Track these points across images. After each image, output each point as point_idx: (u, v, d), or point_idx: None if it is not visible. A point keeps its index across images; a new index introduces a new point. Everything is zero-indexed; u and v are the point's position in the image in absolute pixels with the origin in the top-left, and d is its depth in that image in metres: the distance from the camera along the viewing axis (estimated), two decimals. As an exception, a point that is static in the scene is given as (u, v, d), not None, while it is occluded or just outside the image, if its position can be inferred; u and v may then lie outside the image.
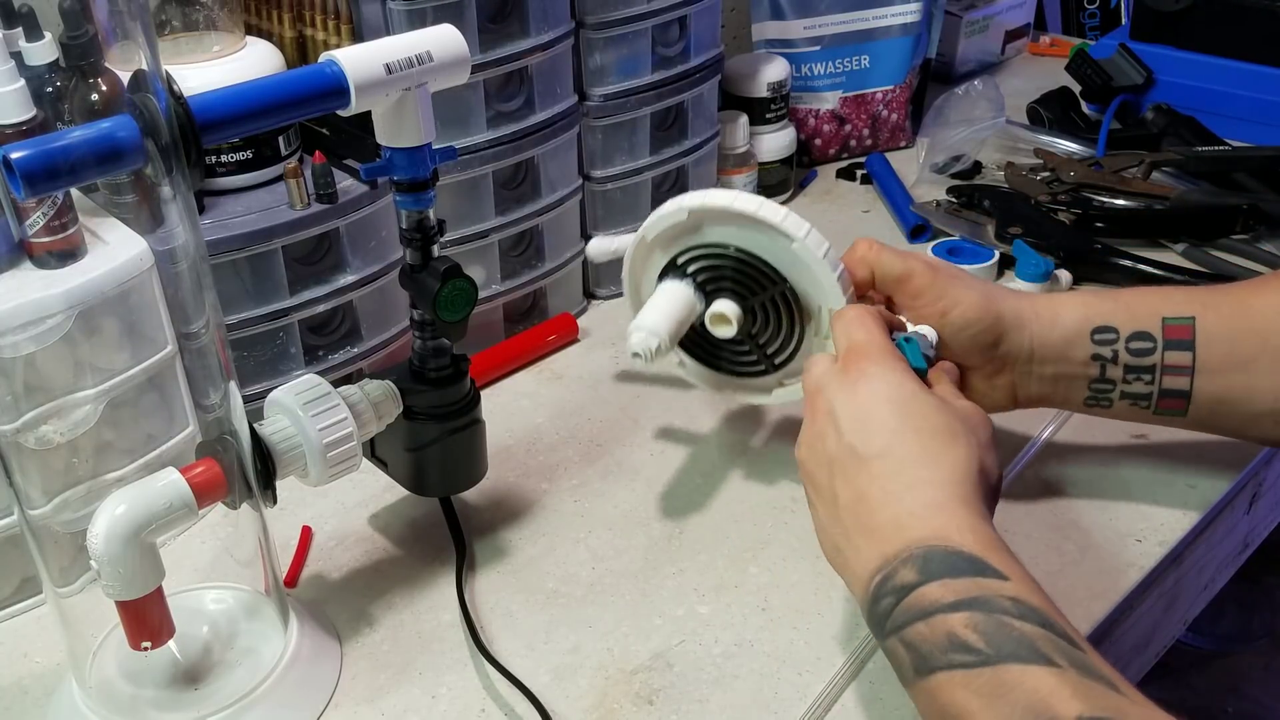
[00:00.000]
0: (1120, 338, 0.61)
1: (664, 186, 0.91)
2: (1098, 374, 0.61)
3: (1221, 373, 0.60)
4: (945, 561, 0.46)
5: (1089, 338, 0.61)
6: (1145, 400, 0.62)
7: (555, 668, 0.58)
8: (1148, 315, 0.61)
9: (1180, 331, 0.60)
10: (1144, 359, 0.61)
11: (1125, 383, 0.61)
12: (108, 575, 0.49)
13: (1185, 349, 0.60)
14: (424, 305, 0.59)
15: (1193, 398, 0.61)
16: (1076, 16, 1.47)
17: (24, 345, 0.56)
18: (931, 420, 0.51)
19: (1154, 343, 0.60)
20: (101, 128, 0.43)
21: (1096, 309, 0.61)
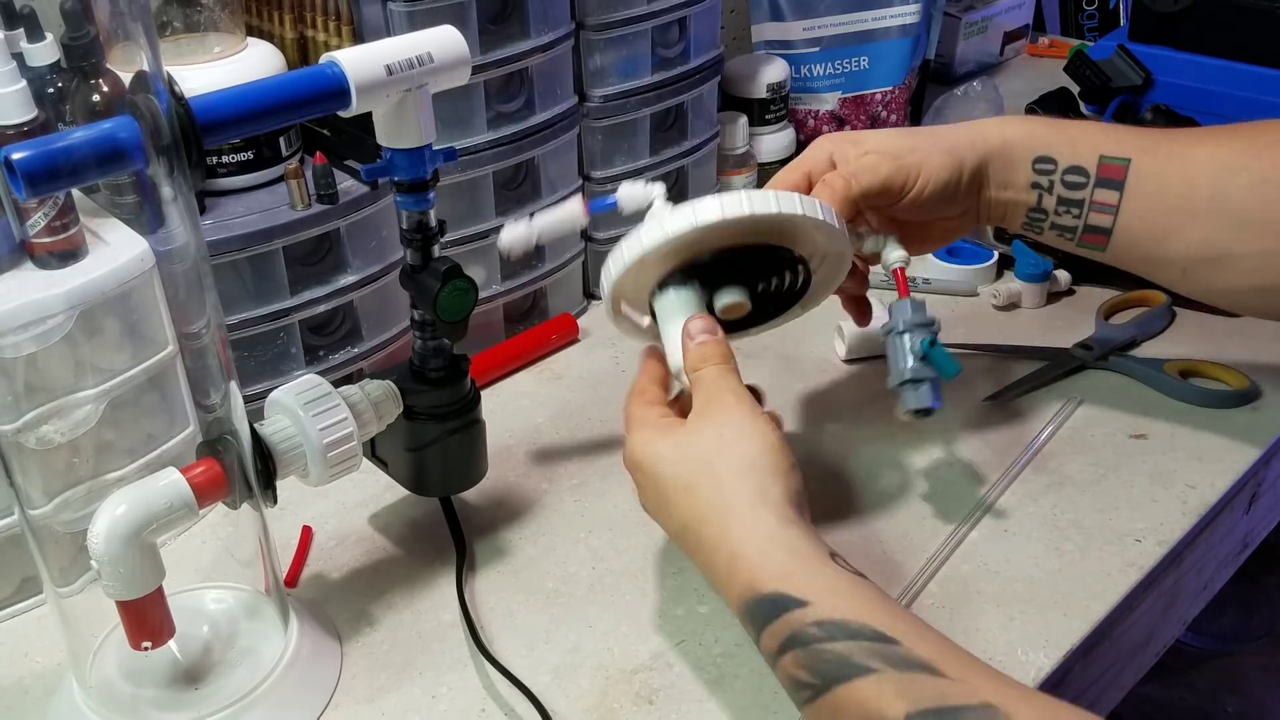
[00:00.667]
0: (1058, 169, 0.64)
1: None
2: (1035, 202, 0.66)
3: (1144, 216, 0.64)
4: (765, 609, 0.48)
5: (1030, 166, 0.65)
6: (1070, 232, 0.66)
7: (555, 667, 0.58)
8: (1087, 150, 0.64)
9: (1113, 171, 0.63)
10: (1075, 193, 0.64)
11: (1056, 214, 0.65)
12: (108, 575, 0.49)
13: (1114, 188, 0.63)
14: (424, 305, 0.59)
15: (1113, 235, 0.64)
16: (1075, 18, 1.47)
17: (25, 345, 0.56)
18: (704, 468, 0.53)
19: (1087, 178, 0.64)
20: (103, 128, 0.43)
21: (1041, 136, 0.65)
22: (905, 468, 0.71)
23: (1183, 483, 0.68)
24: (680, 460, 0.54)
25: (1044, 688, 0.56)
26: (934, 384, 0.62)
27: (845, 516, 0.67)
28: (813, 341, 0.84)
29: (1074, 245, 0.67)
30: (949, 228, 0.68)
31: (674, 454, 0.54)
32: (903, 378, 0.62)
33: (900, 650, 0.44)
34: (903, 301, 0.63)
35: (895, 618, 0.46)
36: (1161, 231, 0.63)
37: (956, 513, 0.67)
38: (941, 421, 0.74)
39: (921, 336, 0.62)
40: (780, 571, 0.48)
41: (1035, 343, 0.82)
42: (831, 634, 0.45)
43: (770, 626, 0.47)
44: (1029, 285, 0.87)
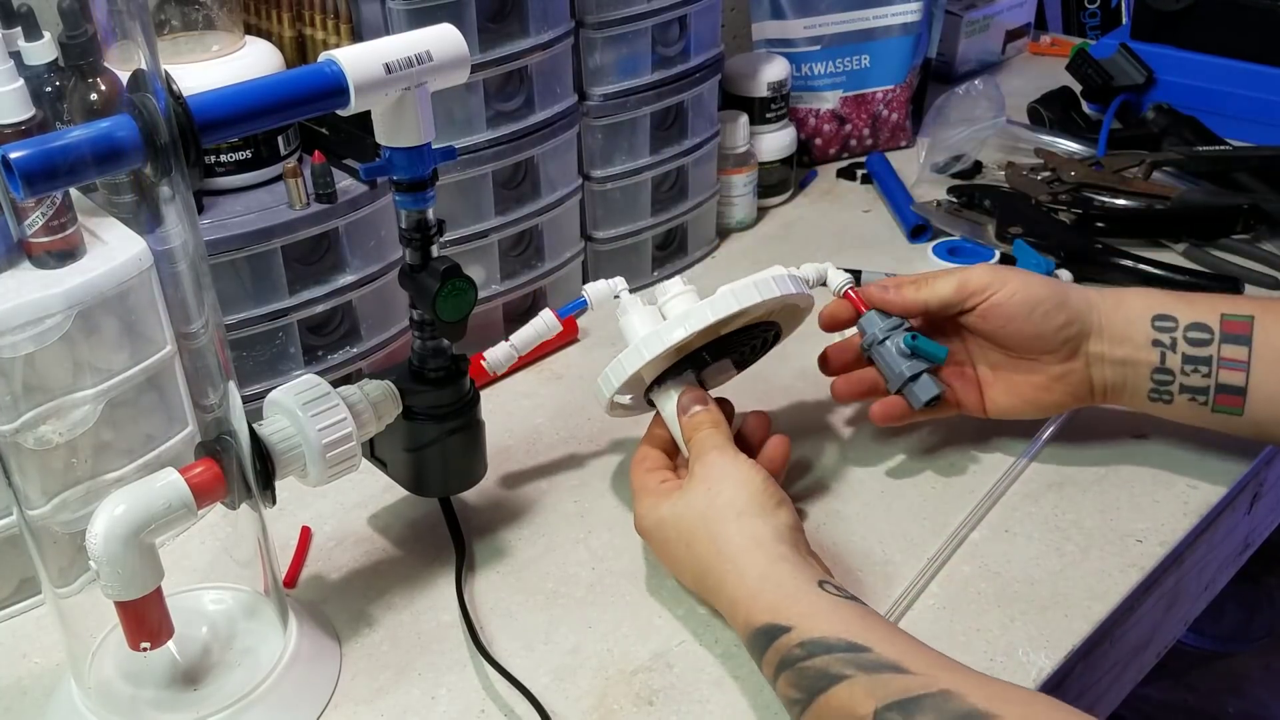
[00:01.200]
0: (1179, 326, 0.63)
1: (664, 186, 0.91)
2: (1158, 361, 0.63)
3: (1277, 373, 0.62)
4: (757, 642, 0.52)
5: (1150, 323, 0.64)
6: (1203, 395, 0.63)
7: (555, 668, 0.58)
8: (1207, 309, 0.63)
9: (1238, 327, 0.62)
10: (1201, 349, 0.63)
11: (1184, 374, 0.63)
12: (107, 575, 0.49)
13: (1242, 344, 0.62)
14: (423, 305, 0.58)
15: (1249, 394, 0.62)
16: (1077, 16, 1.47)
17: (23, 345, 0.55)
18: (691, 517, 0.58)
19: (1211, 334, 0.63)
20: (100, 127, 0.43)
21: (1158, 299, 0.65)
22: (905, 468, 0.71)
23: (1184, 483, 0.68)
24: (679, 520, 0.58)
25: (1044, 689, 0.56)
26: (931, 373, 0.67)
27: (845, 517, 0.67)
28: (813, 341, 0.83)
29: (1209, 412, 0.64)
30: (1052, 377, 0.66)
31: (674, 515, 0.59)
32: (902, 379, 0.67)
33: (870, 655, 0.48)
34: (868, 315, 0.69)
35: (869, 629, 0.50)
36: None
37: (957, 513, 0.67)
38: (942, 421, 0.74)
39: (900, 336, 0.67)
40: (770, 605, 0.52)
41: (1036, 342, 0.81)
42: (812, 651, 0.49)
43: (765, 655, 0.52)
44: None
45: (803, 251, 0.96)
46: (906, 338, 0.66)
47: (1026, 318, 0.64)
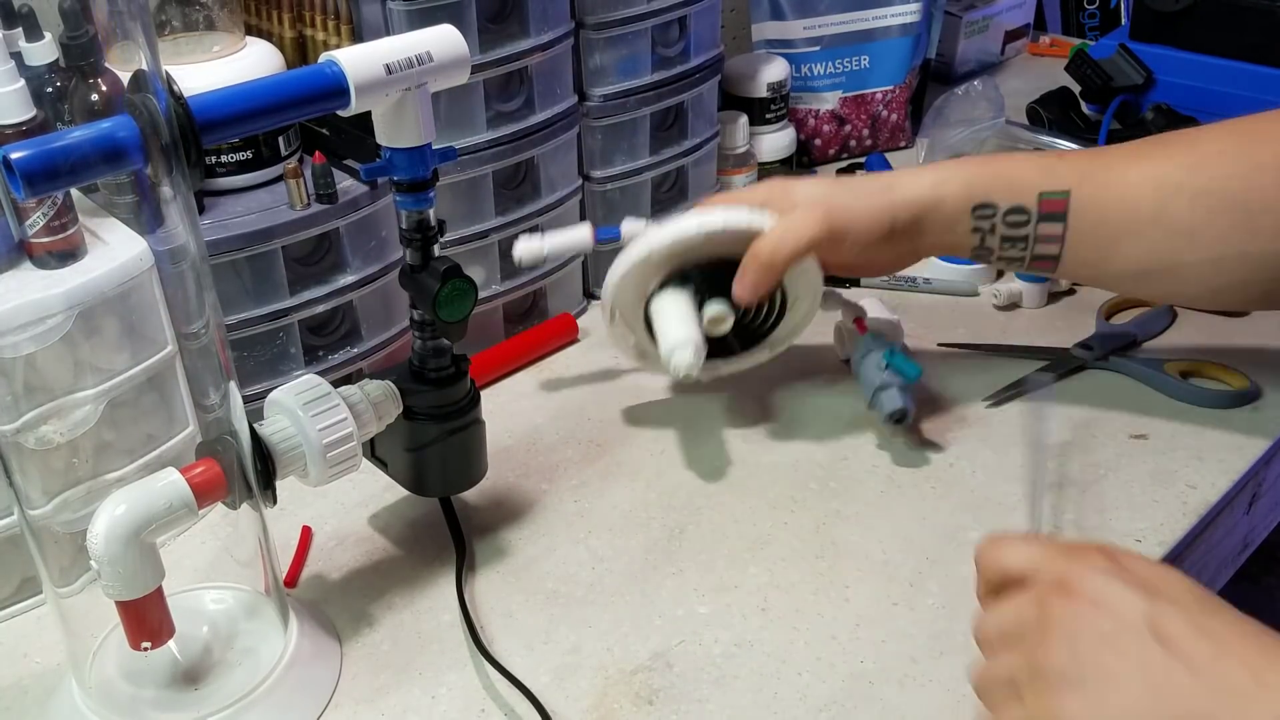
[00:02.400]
0: (998, 213, 0.66)
1: (664, 187, 0.91)
2: (978, 243, 0.67)
3: (1089, 242, 0.65)
4: None
5: (970, 215, 0.66)
6: (1018, 263, 0.68)
7: (555, 668, 0.58)
8: (1027, 189, 0.66)
9: (1055, 205, 0.65)
10: (1019, 230, 0.66)
11: (1002, 249, 0.67)
12: (108, 575, 0.49)
13: (1058, 221, 0.65)
14: (424, 305, 0.59)
15: (1061, 260, 0.67)
16: (1076, 17, 1.47)
17: (24, 345, 0.56)
18: None
19: (1029, 216, 0.66)
20: (101, 128, 0.43)
21: (977, 181, 0.66)
22: (905, 468, 0.71)
23: (1183, 483, 0.68)
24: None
25: (1044, 688, 0.56)
26: (902, 389, 0.70)
27: (845, 517, 0.67)
28: (813, 341, 0.84)
29: (1022, 268, 0.69)
30: (883, 267, 0.74)
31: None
32: (872, 389, 0.71)
33: None
34: (862, 337, 0.73)
35: None
36: (1108, 252, 0.65)
37: (956, 512, 0.67)
38: (942, 422, 0.74)
39: (881, 351, 0.71)
40: None
41: (1035, 343, 0.82)
42: None
43: None
44: (1029, 285, 0.87)
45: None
46: (886, 353, 0.70)
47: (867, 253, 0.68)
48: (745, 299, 0.67)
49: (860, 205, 0.66)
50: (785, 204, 0.67)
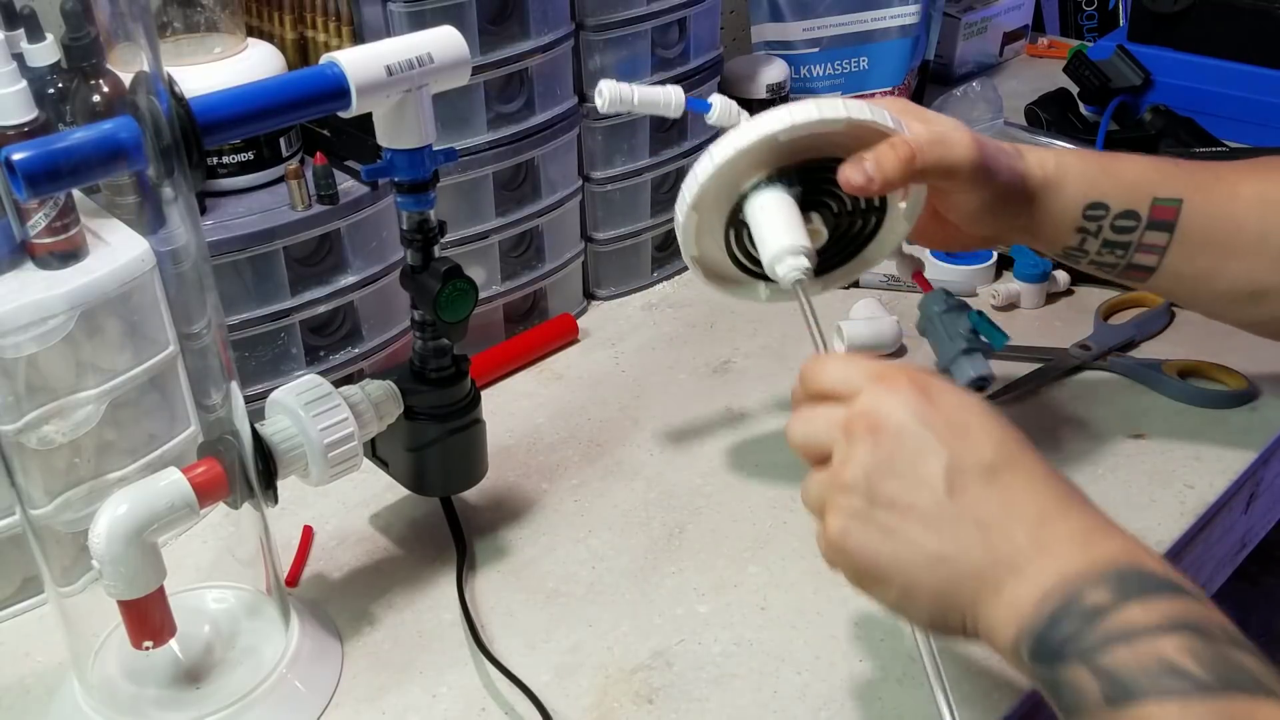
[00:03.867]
0: (1109, 215, 0.62)
1: (663, 188, 0.91)
2: (1077, 244, 0.63)
3: (1190, 257, 0.62)
4: (1141, 582, 0.41)
5: (1081, 213, 0.62)
6: (1110, 269, 0.64)
7: (555, 667, 0.58)
8: (1142, 193, 0.62)
9: (1166, 213, 0.62)
10: (1124, 235, 0.62)
11: (1099, 253, 0.63)
12: (109, 575, 0.49)
13: (1165, 230, 0.62)
14: (425, 306, 0.59)
15: (1156, 273, 0.63)
16: (1074, 18, 1.47)
17: (26, 345, 0.56)
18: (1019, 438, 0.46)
19: (1138, 222, 0.62)
20: (103, 129, 0.43)
21: (1094, 181, 0.62)
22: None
23: (1181, 483, 0.68)
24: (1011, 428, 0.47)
25: (1043, 687, 0.56)
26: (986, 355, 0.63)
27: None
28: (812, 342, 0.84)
29: (1112, 276, 0.65)
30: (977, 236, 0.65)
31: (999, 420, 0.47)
32: (957, 350, 0.63)
33: None
34: (933, 293, 0.65)
35: None
36: (1206, 270, 0.62)
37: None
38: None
39: (965, 314, 0.64)
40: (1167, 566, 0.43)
41: (1034, 343, 0.82)
42: (1237, 642, 0.41)
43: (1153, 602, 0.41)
44: (1028, 285, 0.87)
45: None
46: (972, 314, 0.64)
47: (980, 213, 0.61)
48: (857, 184, 0.57)
49: (1002, 156, 0.61)
50: (921, 126, 0.60)
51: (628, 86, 0.66)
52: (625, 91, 0.66)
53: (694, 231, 0.62)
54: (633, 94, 0.66)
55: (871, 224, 0.65)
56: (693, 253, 0.64)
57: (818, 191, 0.61)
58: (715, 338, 0.85)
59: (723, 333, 0.86)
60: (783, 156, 0.59)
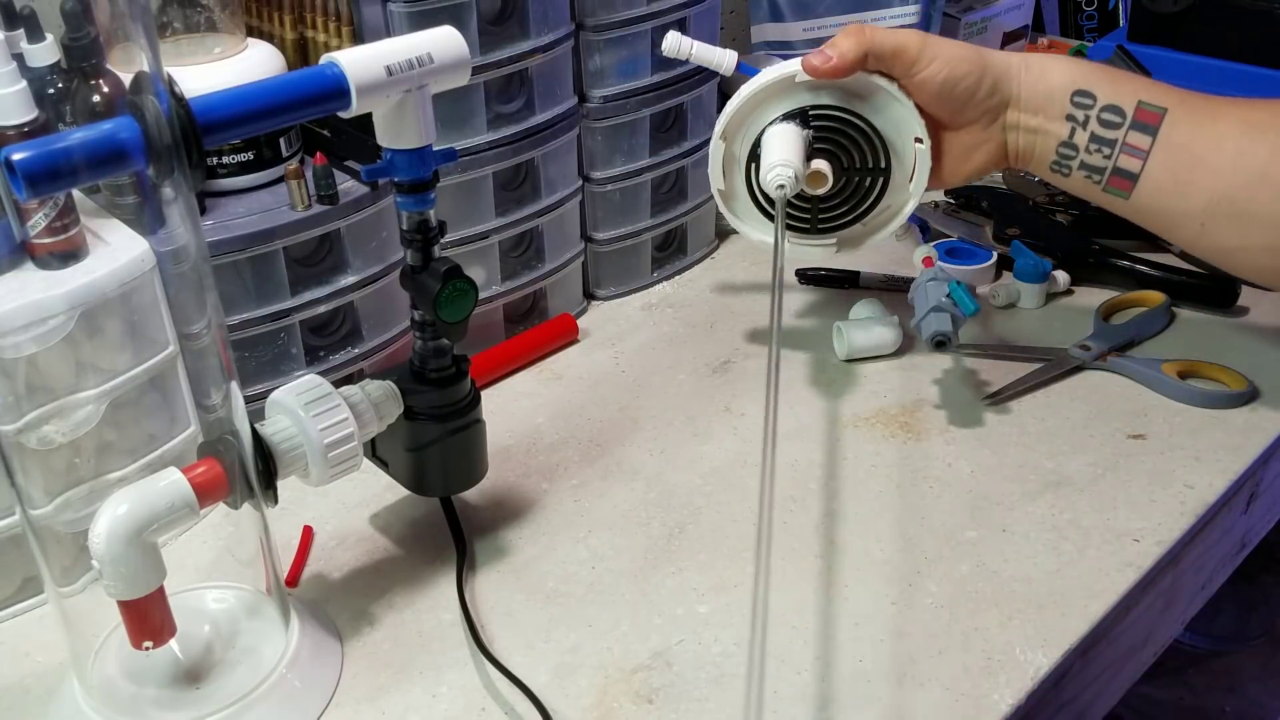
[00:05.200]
0: (1096, 105, 0.66)
1: (663, 188, 0.91)
2: (1067, 135, 0.67)
3: (1171, 166, 0.65)
4: None
5: (1069, 98, 0.66)
6: (1098, 174, 0.67)
7: (555, 667, 0.58)
8: (1128, 94, 0.66)
9: (1150, 116, 0.65)
10: (1109, 131, 0.66)
11: (1087, 151, 0.67)
12: (109, 575, 0.49)
13: (1148, 133, 0.65)
14: (425, 306, 0.59)
15: (1139, 181, 0.66)
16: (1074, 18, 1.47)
17: (26, 346, 0.56)
18: None
19: (1123, 118, 0.66)
20: (103, 129, 0.43)
21: (1081, 72, 0.67)
22: (903, 467, 0.71)
23: (1181, 483, 0.69)
24: None
25: (1042, 687, 0.56)
26: (954, 318, 0.72)
27: (842, 517, 0.67)
28: (812, 342, 0.84)
29: (1099, 191, 0.68)
30: (972, 144, 0.69)
31: None
32: (927, 309, 0.72)
33: None
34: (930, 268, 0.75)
35: None
36: (1186, 182, 0.65)
37: (954, 512, 0.67)
38: (940, 422, 0.74)
39: (947, 281, 0.73)
40: None
41: (1034, 343, 0.82)
42: None
43: None
44: (1028, 285, 0.87)
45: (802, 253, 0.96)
46: (952, 283, 0.72)
47: (951, 92, 0.67)
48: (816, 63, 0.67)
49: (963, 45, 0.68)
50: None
51: (688, 41, 0.77)
52: (686, 44, 0.77)
53: (720, 160, 0.72)
54: (692, 47, 0.77)
55: (879, 186, 0.72)
56: (719, 185, 0.74)
57: (835, 145, 0.70)
58: (715, 338, 0.85)
59: (723, 333, 0.86)
60: (802, 101, 0.69)
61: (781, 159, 0.67)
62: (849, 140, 0.70)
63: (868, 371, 0.81)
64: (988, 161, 0.70)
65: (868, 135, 0.70)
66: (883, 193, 0.72)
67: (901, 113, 0.69)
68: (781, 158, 0.67)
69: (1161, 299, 0.84)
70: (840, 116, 0.69)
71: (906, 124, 0.69)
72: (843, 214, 0.74)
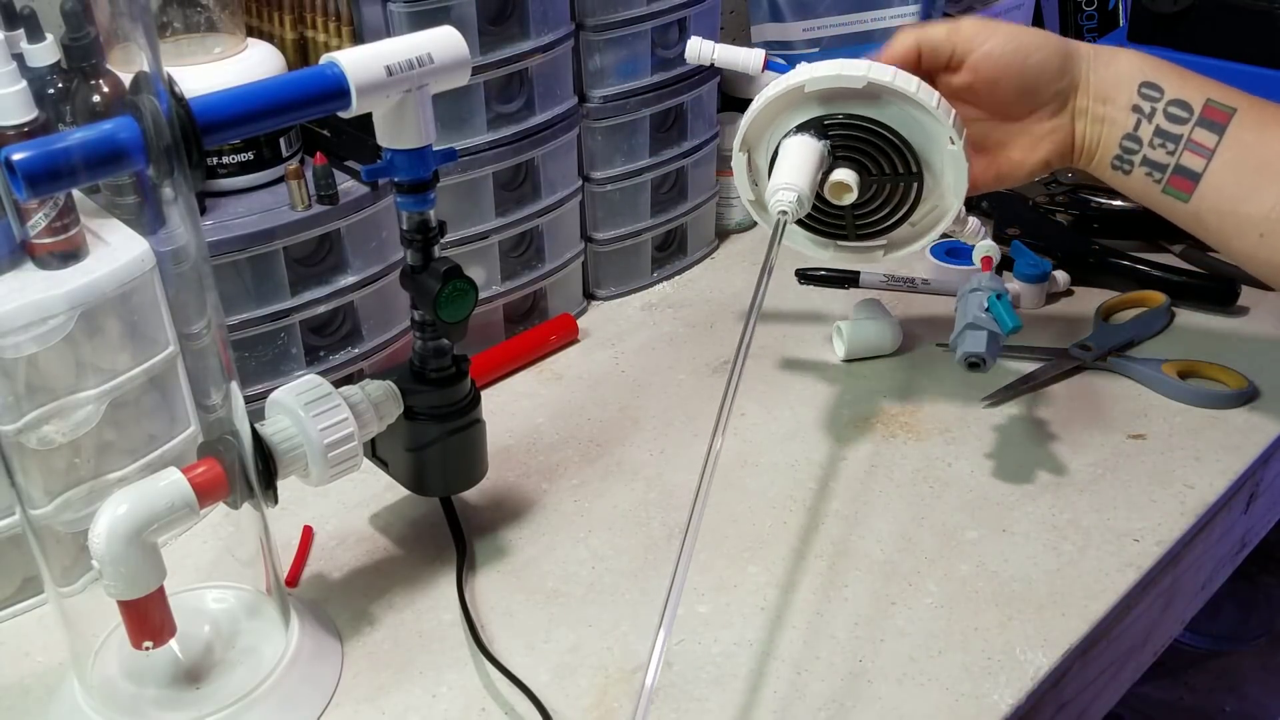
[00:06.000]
0: (1163, 98, 0.63)
1: (663, 188, 0.91)
2: (1132, 128, 0.64)
3: (1235, 168, 0.63)
4: None
5: (1136, 88, 0.64)
6: (1160, 171, 0.64)
7: (555, 667, 0.58)
8: (1196, 90, 0.64)
9: (1218, 115, 0.63)
10: (1175, 126, 0.63)
11: (1150, 146, 0.64)
12: (109, 575, 0.49)
13: (1215, 131, 0.63)
14: (425, 306, 0.59)
15: (1201, 182, 0.63)
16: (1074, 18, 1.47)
17: (26, 346, 0.56)
18: None
19: (1190, 114, 0.63)
20: (103, 129, 0.43)
21: (1152, 67, 0.64)
22: (903, 468, 0.71)
23: (1181, 483, 0.69)
24: None
25: (1042, 687, 0.56)
26: (992, 336, 0.66)
27: (842, 517, 0.67)
28: (812, 342, 0.84)
29: (1159, 193, 0.65)
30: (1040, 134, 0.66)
31: None
32: (963, 325, 0.67)
33: None
34: (978, 275, 0.69)
35: None
36: (1249, 187, 0.63)
37: (954, 512, 0.67)
38: (940, 422, 0.74)
39: (989, 293, 0.67)
40: None
41: (1034, 343, 0.82)
42: None
43: None
44: (1028, 286, 0.87)
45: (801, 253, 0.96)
46: (991, 296, 0.66)
47: (1021, 67, 0.64)
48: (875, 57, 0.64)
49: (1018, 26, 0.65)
50: None
51: (710, 44, 0.73)
52: (706, 48, 0.73)
53: (745, 172, 0.70)
54: (713, 51, 0.73)
55: (914, 189, 0.67)
56: (749, 196, 0.71)
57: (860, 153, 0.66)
58: (715, 338, 0.85)
59: (723, 333, 0.86)
60: (814, 111, 0.66)
61: (785, 181, 0.63)
62: (873, 147, 0.66)
63: (868, 371, 0.81)
64: (1054, 153, 0.67)
65: (891, 141, 0.66)
66: (919, 195, 0.68)
67: (924, 118, 0.65)
68: (785, 180, 0.63)
69: (1161, 299, 0.84)
70: (860, 124, 0.66)
71: (934, 128, 0.65)
72: (885, 217, 0.70)
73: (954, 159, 0.65)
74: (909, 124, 0.65)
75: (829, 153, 0.66)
